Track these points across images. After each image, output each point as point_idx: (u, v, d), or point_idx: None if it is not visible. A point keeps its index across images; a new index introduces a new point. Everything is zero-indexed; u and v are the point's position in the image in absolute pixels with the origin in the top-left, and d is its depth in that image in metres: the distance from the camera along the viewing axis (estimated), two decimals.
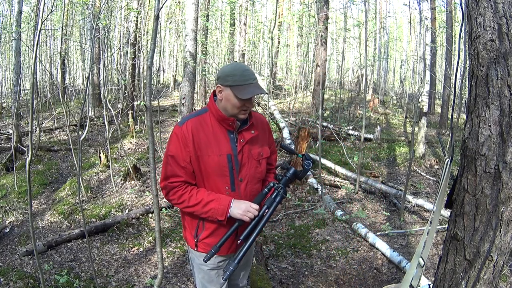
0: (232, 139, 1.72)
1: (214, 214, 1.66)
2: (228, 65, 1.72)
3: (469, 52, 1.41)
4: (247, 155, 1.74)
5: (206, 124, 1.70)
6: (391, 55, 21.14)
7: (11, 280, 3.22)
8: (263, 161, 1.82)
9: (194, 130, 1.67)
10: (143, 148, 7.78)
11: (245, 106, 1.66)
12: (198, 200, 1.67)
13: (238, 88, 1.61)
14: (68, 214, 4.66)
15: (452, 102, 8.67)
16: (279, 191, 1.70)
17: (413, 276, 1.59)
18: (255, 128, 1.79)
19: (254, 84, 1.65)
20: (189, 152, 1.66)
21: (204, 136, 1.68)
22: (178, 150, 1.68)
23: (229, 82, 1.63)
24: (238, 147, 1.71)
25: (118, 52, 12.15)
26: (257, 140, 1.79)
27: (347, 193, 5.54)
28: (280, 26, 17.86)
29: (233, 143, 1.71)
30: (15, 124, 6.90)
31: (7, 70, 16.11)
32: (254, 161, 1.76)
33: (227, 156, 1.68)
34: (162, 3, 2.25)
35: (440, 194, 1.55)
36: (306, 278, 3.37)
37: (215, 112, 1.71)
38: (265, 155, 1.82)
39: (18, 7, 7.15)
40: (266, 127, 1.90)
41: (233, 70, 1.65)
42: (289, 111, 10.84)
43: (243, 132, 1.74)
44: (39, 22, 2.77)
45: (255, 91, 1.63)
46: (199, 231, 1.75)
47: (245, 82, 1.62)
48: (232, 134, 1.72)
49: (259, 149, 1.80)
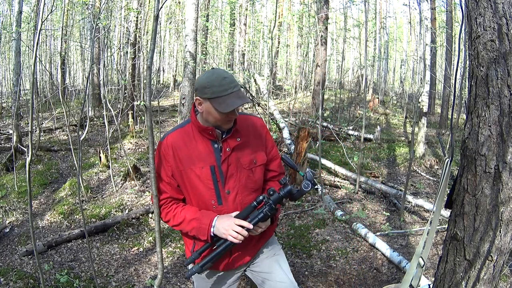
0: (216, 149, 1.60)
1: (197, 234, 1.58)
2: (204, 74, 1.55)
3: (469, 52, 1.41)
4: (235, 164, 1.60)
5: (188, 136, 1.62)
6: (391, 55, 21.14)
7: (11, 280, 3.23)
8: (257, 169, 1.67)
9: (175, 144, 1.60)
10: (143, 148, 7.78)
11: (228, 117, 1.53)
12: (182, 219, 1.60)
13: (217, 101, 1.48)
14: (68, 214, 4.66)
15: (452, 102, 8.67)
16: (264, 208, 1.54)
17: (413, 276, 1.59)
18: (241, 134, 1.64)
19: (235, 93, 1.50)
20: (170, 166, 1.61)
21: (185, 149, 1.60)
22: (160, 165, 1.64)
23: (207, 94, 1.49)
24: (222, 156, 1.59)
25: (118, 52, 12.15)
26: (246, 147, 1.64)
27: (347, 193, 5.54)
28: (280, 26, 17.86)
29: (217, 153, 1.59)
30: (15, 124, 6.90)
31: (7, 70, 16.11)
32: (244, 170, 1.63)
33: (210, 168, 1.57)
34: (162, 3, 2.25)
35: (440, 194, 1.55)
36: (306, 278, 3.37)
37: (195, 123, 1.61)
38: (260, 162, 1.68)
39: (18, 7, 7.15)
40: (261, 131, 1.72)
41: (210, 80, 1.49)
42: (289, 111, 10.84)
43: (228, 140, 1.60)
44: (39, 22, 2.77)
45: (235, 103, 1.47)
46: (196, 247, 1.67)
47: (224, 93, 1.48)
48: (216, 143, 1.60)
49: (250, 157, 1.64)
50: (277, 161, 1.79)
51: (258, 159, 1.67)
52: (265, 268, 1.75)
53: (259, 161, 1.68)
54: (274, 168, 1.77)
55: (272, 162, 1.76)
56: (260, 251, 1.76)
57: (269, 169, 1.76)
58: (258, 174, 1.68)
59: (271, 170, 1.77)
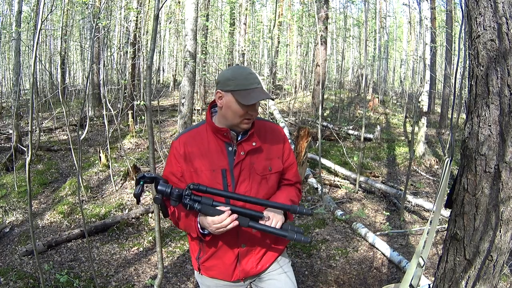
0: (230, 152, 1.52)
1: (190, 231, 1.52)
2: (229, 68, 1.52)
3: (469, 51, 1.41)
4: (248, 169, 1.52)
5: (201, 138, 1.56)
6: (391, 55, 21.15)
7: (11, 280, 3.23)
8: (272, 177, 1.58)
9: (187, 144, 1.54)
10: (143, 148, 7.78)
11: (249, 114, 1.46)
12: (178, 214, 1.54)
13: (241, 93, 1.43)
14: (68, 214, 4.66)
15: (452, 102, 8.67)
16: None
17: (413, 275, 1.59)
18: (258, 138, 1.56)
19: (259, 89, 1.46)
20: (181, 167, 1.54)
21: (197, 150, 1.53)
22: (171, 165, 1.59)
23: (231, 86, 1.43)
24: (235, 160, 1.51)
25: (118, 52, 12.14)
26: (261, 152, 1.56)
27: (347, 192, 5.54)
28: (280, 26, 17.85)
29: (230, 157, 1.52)
30: (15, 124, 6.90)
31: (7, 70, 16.11)
32: (257, 176, 1.54)
33: (221, 171, 1.50)
34: (162, 3, 2.24)
35: (440, 194, 1.55)
36: (306, 278, 3.37)
37: (210, 123, 1.54)
38: (275, 170, 1.59)
39: (18, 7, 7.14)
40: (279, 138, 1.64)
41: (235, 73, 1.46)
42: (289, 111, 10.84)
43: (243, 143, 1.52)
44: (39, 22, 2.77)
45: (260, 96, 1.43)
46: (201, 253, 1.62)
47: (248, 87, 1.43)
48: (230, 146, 1.53)
49: (265, 163, 1.56)
50: (294, 170, 1.71)
51: (274, 166, 1.59)
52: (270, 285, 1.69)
53: (274, 168, 1.59)
54: (290, 177, 1.69)
55: (288, 170, 1.68)
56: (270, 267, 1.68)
57: (284, 178, 1.68)
58: (272, 181, 1.60)
59: (287, 179, 1.69)
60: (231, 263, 1.57)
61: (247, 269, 1.60)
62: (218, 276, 1.62)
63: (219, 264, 1.59)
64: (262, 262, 1.63)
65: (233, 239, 1.54)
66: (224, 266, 1.58)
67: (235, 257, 1.57)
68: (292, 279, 1.73)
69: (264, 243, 1.61)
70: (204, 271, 1.65)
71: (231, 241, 1.54)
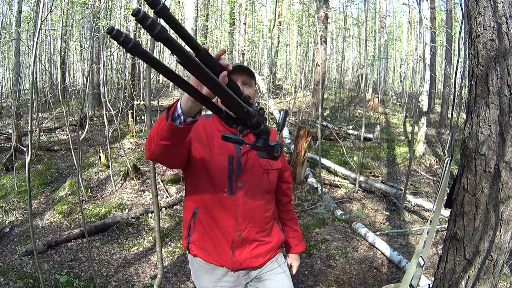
0: None
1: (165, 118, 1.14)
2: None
3: (469, 51, 1.41)
4: (252, 160, 1.58)
5: (211, 126, 1.63)
6: (391, 55, 21.14)
7: (11, 280, 3.22)
8: (273, 172, 1.64)
9: (201, 122, 1.59)
10: (142, 148, 7.77)
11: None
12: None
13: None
14: (68, 214, 4.66)
15: (452, 102, 8.67)
16: None
17: (413, 275, 1.59)
18: None
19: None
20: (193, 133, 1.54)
21: (210, 131, 1.59)
22: None
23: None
24: (242, 149, 1.57)
25: (117, 52, 12.15)
26: None
27: (347, 192, 5.54)
28: (280, 26, 17.85)
29: (237, 146, 1.58)
30: (15, 124, 6.89)
31: (7, 70, 16.10)
32: (260, 168, 1.60)
33: (228, 157, 1.55)
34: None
35: (440, 194, 1.55)
36: (306, 278, 3.37)
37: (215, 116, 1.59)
38: (276, 166, 1.66)
39: (17, 7, 7.14)
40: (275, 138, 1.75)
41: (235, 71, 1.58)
42: (288, 111, 10.83)
43: (249, 135, 1.59)
44: (39, 22, 2.77)
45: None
46: (190, 231, 1.62)
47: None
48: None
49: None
50: (288, 172, 1.83)
51: (275, 163, 1.66)
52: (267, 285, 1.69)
53: (276, 165, 1.67)
54: (286, 179, 1.79)
55: (285, 171, 1.79)
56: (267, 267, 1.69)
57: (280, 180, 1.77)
58: (273, 177, 1.66)
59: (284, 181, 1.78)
60: (224, 249, 1.56)
61: (241, 260, 1.58)
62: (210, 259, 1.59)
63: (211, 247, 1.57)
64: (258, 256, 1.63)
65: (230, 227, 1.54)
66: (216, 250, 1.57)
67: (229, 244, 1.56)
68: (289, 279, 1.73)
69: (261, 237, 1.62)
70: (192, 250, 1.62)
71: (228, 228, 1.54)
